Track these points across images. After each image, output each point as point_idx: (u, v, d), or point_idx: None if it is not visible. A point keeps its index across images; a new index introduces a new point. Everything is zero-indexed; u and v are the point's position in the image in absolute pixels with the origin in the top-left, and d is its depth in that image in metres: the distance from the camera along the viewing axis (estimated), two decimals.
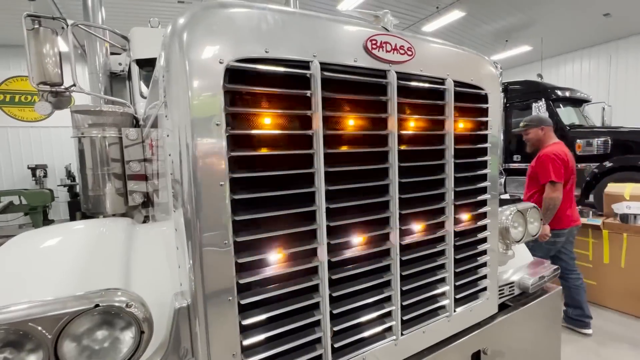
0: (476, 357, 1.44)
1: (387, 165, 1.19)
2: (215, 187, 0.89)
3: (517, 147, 6.71)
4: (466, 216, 1.46)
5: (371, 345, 1.18)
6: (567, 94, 6.65)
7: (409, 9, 9.20)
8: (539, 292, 1.78)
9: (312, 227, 1.05)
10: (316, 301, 1.06)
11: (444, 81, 1.31)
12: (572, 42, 11.68)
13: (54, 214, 9.75)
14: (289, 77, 0.99)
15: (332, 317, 1.10)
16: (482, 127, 1.48)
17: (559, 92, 6.53)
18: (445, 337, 1.38)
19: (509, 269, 1.79)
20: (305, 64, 1.00)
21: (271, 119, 0.99)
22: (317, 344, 1.08)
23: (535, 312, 1.69)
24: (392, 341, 1.22)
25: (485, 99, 1.47)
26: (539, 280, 1.74)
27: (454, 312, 1.40)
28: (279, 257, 1.01)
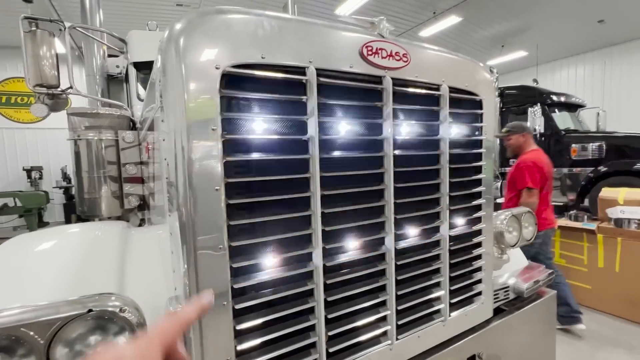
0: None
1: (382, 170, 1.20)
2: (210, 192, 0.89)
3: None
4: (461, 221, 1.46)
5: (366, 349, 1.18)
6: (562, 99, 6.71)
7: (406, 14, 9.26)
8: (534, 297, 1.79)
9: (307, 231, 1.05)
10: (311, 306, 1.06)
11: (439, 87, 1.32)
12: (567, 48, 11.80)
13: (49, 216, 9.69)
14: (285, 82, 0.99)
15: (327, 321, 1.09)
16: (477, 133, 1.50)
17: (554, 97, 6.59)
18: (440, 341, 1.38)
19: (504, 273, 1.80)
20: (301, 70, 1.00)
21: (267, 124, 0.99)
22: (311, 349, 1.08)
23: (530, 316, 1.70)
24: (387, 346, 1.22)
25: (480, 104, 1.48)
26: (533, 284, 1.75)
27: (449, 316, 1.40)
28: (274, 262, 1.01)
